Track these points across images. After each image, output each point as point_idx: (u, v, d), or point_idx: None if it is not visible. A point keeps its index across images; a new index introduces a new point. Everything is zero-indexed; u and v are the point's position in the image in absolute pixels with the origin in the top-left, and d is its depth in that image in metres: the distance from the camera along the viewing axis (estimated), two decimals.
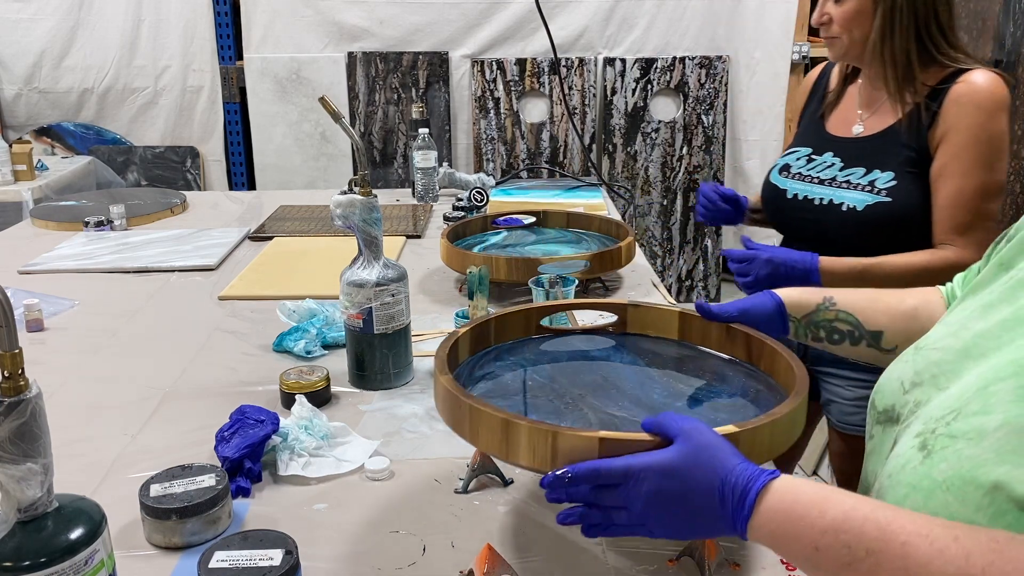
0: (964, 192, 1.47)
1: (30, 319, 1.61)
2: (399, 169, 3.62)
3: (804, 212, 1.62)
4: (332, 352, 1.50)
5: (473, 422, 0.87)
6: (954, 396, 0.79)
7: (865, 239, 1.54)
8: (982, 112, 1.46)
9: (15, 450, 0.71)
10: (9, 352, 0.71)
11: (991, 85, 1.47)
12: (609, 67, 3.52)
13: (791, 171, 1.67)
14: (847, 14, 1.51)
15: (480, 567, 0.90)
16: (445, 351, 1.00)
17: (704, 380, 1.07)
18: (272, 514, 1.05)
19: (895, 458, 0.82)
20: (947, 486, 0.73)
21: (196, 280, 1.91)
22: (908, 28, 1.48)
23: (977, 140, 1.46)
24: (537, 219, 2.06)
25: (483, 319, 1.12)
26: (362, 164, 1.34)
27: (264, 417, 1.15)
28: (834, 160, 1.61)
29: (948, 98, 1.48)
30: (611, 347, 1.17)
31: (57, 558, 0.72)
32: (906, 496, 0.77)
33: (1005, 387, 0.74)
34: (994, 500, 0.70)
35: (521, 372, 1.07)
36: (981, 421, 0.73)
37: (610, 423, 0.94)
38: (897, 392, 0.89)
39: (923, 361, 0.87)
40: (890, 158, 1.54)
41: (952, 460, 0.73)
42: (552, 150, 3.58)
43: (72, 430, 1.24)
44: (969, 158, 1.47)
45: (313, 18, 3.48)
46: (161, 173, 3.66)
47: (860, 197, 1.54)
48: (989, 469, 0.70)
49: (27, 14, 3.49)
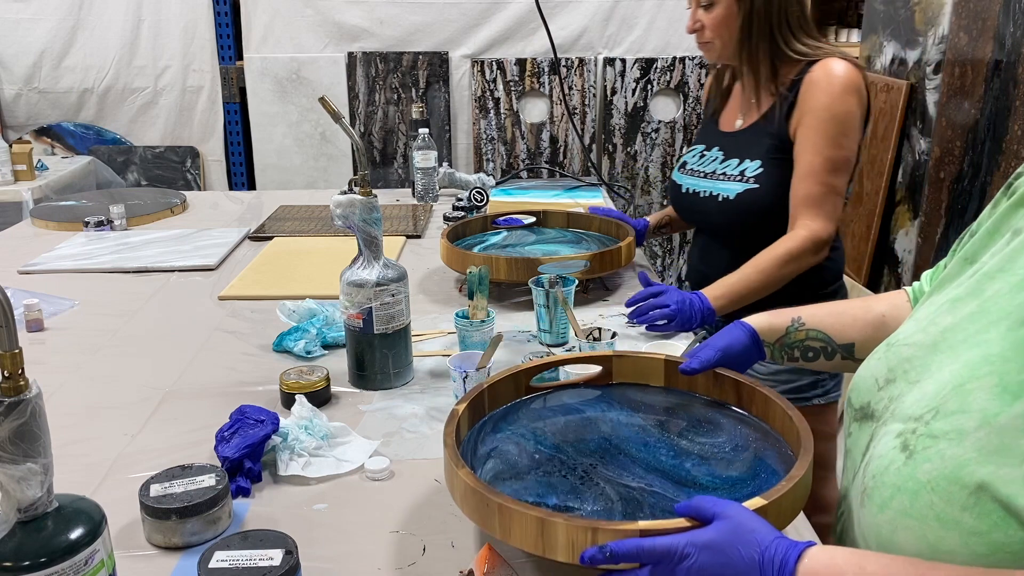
0: (813, 166, 1.58)
1: (30, 319, 1.61)
2: (399, 169, 3.62)
3: (694, 204, 1.76)
4: (332, 352, 1.50)
5: (504, 520, 0.86)
6: (930, 394, 0.80)
7: (741, 225, 1.68)
8: (829, 94, 1.57)
9: (15, 450, 0.71)
10: (9, 352, 0.71)
11: (840, 69, 1.58)
12: (609, 67, 3.52)
13: (686, 167, 1.81)
14: (717, 19, 1.64)
15: (480, 567, 0.90)
16: (452, 437, 0.98)
17: (702, 432, 1.07)
18: (272, 514, 1.05)
19: (877, 459, 0.83)
20: (932, 487, 0.74)
21: (196, 280, 1.90)
22: (763, 29, 1.61)
23: (823, 120, 1.57)
24: (537, 219, 2.06)
25: (475, 391, 1.09)
26: (362, 164, 1.34)
27: (264, 417, 1.15)
28: (718, 154, 1.75)
29: (802, 86, 1.60)
30: (602, 399, 1.16)
31: (57, 558, 0.72)
32: (892, 497, 0.79)
33: (982, 385, 0.75)
34: (979, 500, 0.71)
35: (524, 444, 1.06)
36: (960, 420, 0.75)
37: (629, 497, 0.95)
38: (872, 389, 0.90)
39: (895, 357, 0.89)
40: (757, 148, 1.67)
41: (935, 460, 0.75)
42: (552, 150, 3.58)
43: (72, 430, 1.24)
44: (817, 136, 1.58)
45: (313, 18, 3.48)
46: (161, 173, 3.66)
47: (732, 187, 1.67)
48: (973, 469, 0.72)
49: (27, 14, 3.48)
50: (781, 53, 1.63)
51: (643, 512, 0.92)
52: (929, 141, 2.55)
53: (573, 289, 1.55)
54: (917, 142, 2.62)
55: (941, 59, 2.50)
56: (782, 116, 1.63)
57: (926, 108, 2.57)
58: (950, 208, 2.43)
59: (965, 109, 2.38)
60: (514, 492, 0.94)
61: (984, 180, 2.27)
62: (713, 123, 1.83)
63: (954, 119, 2.44)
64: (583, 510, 0.92)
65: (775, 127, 1.65)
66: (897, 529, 0.78)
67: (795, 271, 1.59)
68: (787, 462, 0.98)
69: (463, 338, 1.45)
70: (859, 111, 1.59)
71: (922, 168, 2.58)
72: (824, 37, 1.68)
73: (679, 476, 0.99)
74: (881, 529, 0.81)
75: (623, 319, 1.62)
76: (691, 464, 1.01)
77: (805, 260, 1.59)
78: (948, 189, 2.44)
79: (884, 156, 2.74)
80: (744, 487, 0.96)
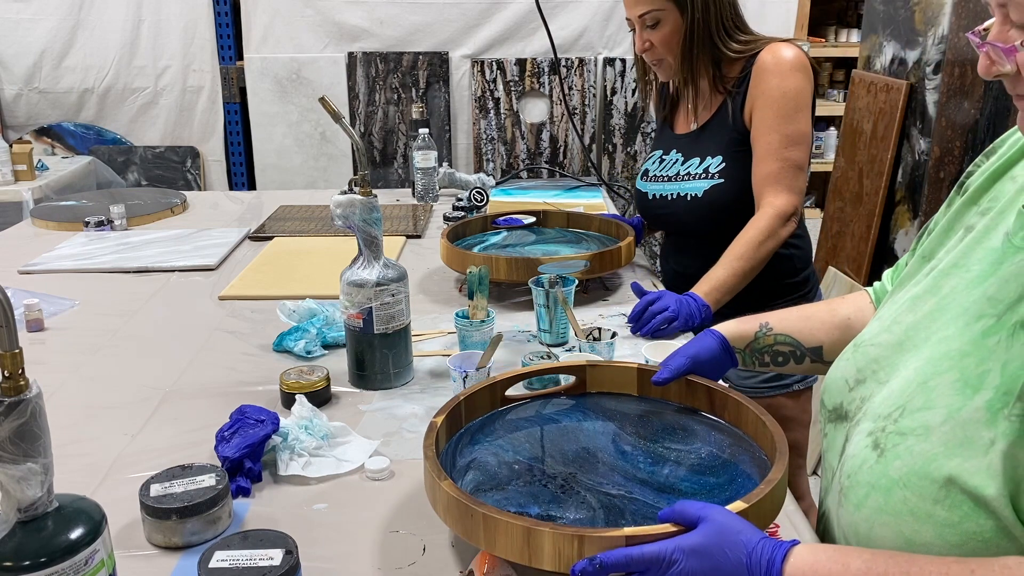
0: (771, 145, 1.62)
1: (30, 319, 1.61)
2: (399, 169, 3.62)
3: (662, 209, 1.78)
4: (332, 352, 1.50)
5: (489, 531, 0.86)
6: (896, 392, 0.83)
7: (712, 221, 1.70)
8: (778, 74, 1.62)
9: (15, 450, 0.71)
10: (9, 352, 0.71)
11: (782, 51, 1.63)
12: (609, 67, 3.52)
13: (649, 175, 1.83)
14: (665, 36, 1.66)
15: (480, 567, 0.90)
16: (432, 449, 0.97)
17: (677, 439, 1.08)
18: (272, 514, 1.05)
19: (851, 459, 0.85)
20: (904, 483, 0.77)
21: (196, 280, 1.90)
22: (704, 37, 1.65)
23: (775, 99, 1.62)
24: (537, 219, 2.06)
25: (453, 403, 1.10)
26: (362, 164, 1.34)
27: (264, 417, 1.15)
28: (677, 156, 1.78)
29: (752, 74, 1.65)
30: (577, 408, 1.17)
31: (57, 558, 0.72)
32: (867, 496, 0.81)
33: (943, 381, 0.78)
34: (949, 493, 0.74)
35: (503, 454, 1.06)
36: (926, 416, 0.78)
37: (611, 505, 0.95)
38: (843, 390, 0.93)
39: (863, 358, 0.91)
40: (716, 144, 1.71)
41: (905, 457, 0.78)
42: (552, 150, 3.58)
43: (72, 430, 1.24)
44: (771, 114, 1.62)
45: (313, 18, 3.47)
46: (161, 173, 3.65)
47: (698, 185, 1.71)
48: (941, 463, 0.75)
49: (27, 14, 3.48)
50: (721, 54, 1.67)
51: (625, 519, 0.92)
52: (929, 141, 2.55)
53: (573, 289, 1.55)
54: (917, 142, 2.62)
55: (941, 59, 2.50)
56: (737, 109, 1.67)
57: (926, 108, 2.57)
58: None
59: (965, 109, 2.38)
60: (496, 503, 0.94)
61: None
62: (667, 128, 1.86)
63: (954, 119, 2.44)
64: (565, 518, 0.93)
65: (730, 121, 1.68)
66: (874, 526, 0.80)
67: (774, 247, 1.61)
68: (761, 465, 1.00)
69: (463, 338, 1.45)
70: (808, 87, 1.64)
71: (922, 168, 2.58)
72: (816, 37, 1.76)
73: (658, 483, 0.99)
74: (859, 527, 0.83)
75: (623, 319, 1.62)
76: (669, 470, 1.02)
77: (778, 234, 1.61)
78: (948, 189, 2.43)
79: (884, 156, 2.74)
80: (722, 492, 0.97)
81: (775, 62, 1.62)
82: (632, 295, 1.62)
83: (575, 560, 0.82)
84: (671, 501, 0.95)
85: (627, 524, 0.91)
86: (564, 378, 1.22)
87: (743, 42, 1.68)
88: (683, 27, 1.64)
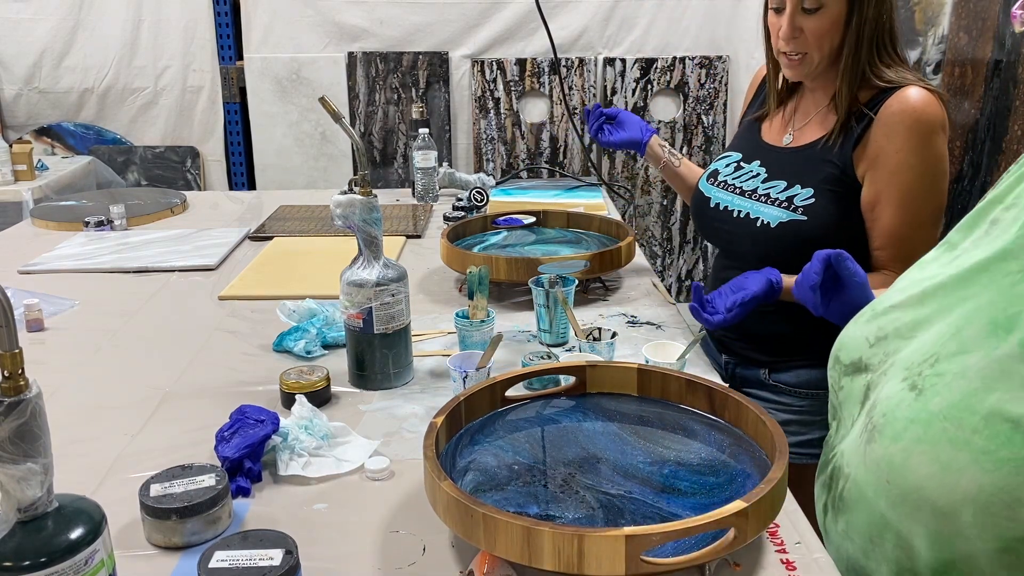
0: (904, 225, 1.41)
1: (30, 319, 1.61)
2: (399, 169, 3.62)
3: (722, 223, 1.57)
4: (332, 352, 1.50)
5: (489, 531, 0.86)
6: (928, 343, 0.90)
7: (778, 256, 1.46)
8: (914, 136, 1.37)
9: (15, 450, 0.71)
10: (9, 352, 0.71)
11: (924, 104, 1.37)
12: (609, 67, 3.52)
13: (718, 178, 1.61)
14: (822, 27, 1.40)
15: (480, 567, 0.90)
16: (432, 449, 0.98)
17: (677, 439, 1.08)
18: (272, 514, 1.05)
19: (886, 400, 0.91)
20: (944, 415, 0.84)
21: (196, 280, 1.90)
22: (871, 40, 1.40)
23: (910, 167, 1.38)
24: (537, 219, 2.06)
25: (453, 403, 1.10)
26: (362, 164, 1.34)
27: (264, 417, 1.15)
28: (759, 170, 1.55)
29: (879, 117, 1.39)
30: (577, 409, 1.17)
31: (57, 558, 0.72)
32: (905, 429, 0.87)
33: (975, 328, 0.85)
34: (989, 423, 0.80)
35: (503, 455, 1.06)
36: (963, 360, 0.84)
37: (610, 504, 0.95)
38: (862, 347, 0.99)
39: (884, 319, 0.98)
40: (812, 174, 1.47)
41: (944, 394, 0.84)
42: (552, 150, 3.58)
43: (72, 430, 1.24)
44: (904, 188, 1.39)
45: (313, 18, 3.47)
46: (161, 173, 3.65)
47: (776, 213, 1.47)
48: (982, 397, 0.81)
49: (27, 14, 3.48)
50: (869, 73, 1.42)
51: (624, 519, 0.92)
52: None
53: (573, 289, 1.55)
54: None
55: (941, 59, 2.50)
56: (848, 147, 1.43)
57: None
58: (950, 208, 2.43)
59: (965, 109, 2.38)
60: (495, 503, 0.94)
61: (984, 180, 2.27)
62: (755, 130, 1.62)
63: (954, 119, 2.44)
64: (564, 518, 0.93)
65: (839, 155, 1.44)
66: (912, 455, 0.85)
67: None
68: (761, 465, 1.00)
69: (463, 338, 1.45)
70: (945, 149, 1.41)
71: None
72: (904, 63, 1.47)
73: (657, 482, 0.99)
74: (894, 458, 0.88)
75: (623, 319, 1.62)
76: (668, 470, 1.02)
77: None
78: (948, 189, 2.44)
79: None
80: (722, 492, 0.97)
81: (916, 117, 1.37)
82: (640, 298, 1.59)
83: (575, 560, 0.82)
84: (671, 501, 0.95)
85: (626, 523, 0.91)
86: (564, 378, 1.22)
87: (894, 70, 1.42)
88: (844, 23, 1.39)
